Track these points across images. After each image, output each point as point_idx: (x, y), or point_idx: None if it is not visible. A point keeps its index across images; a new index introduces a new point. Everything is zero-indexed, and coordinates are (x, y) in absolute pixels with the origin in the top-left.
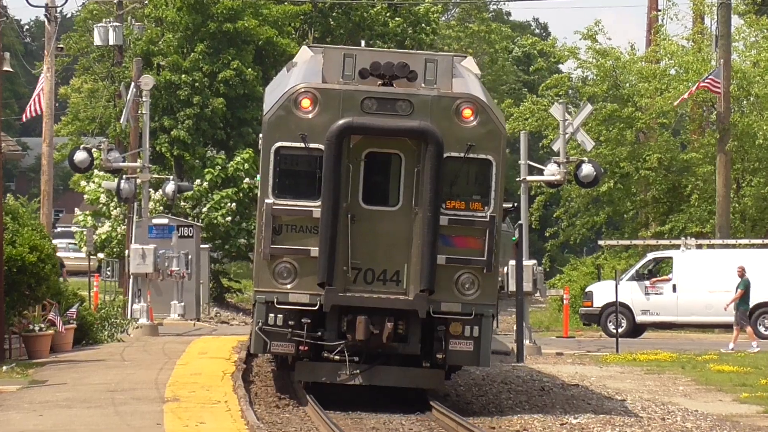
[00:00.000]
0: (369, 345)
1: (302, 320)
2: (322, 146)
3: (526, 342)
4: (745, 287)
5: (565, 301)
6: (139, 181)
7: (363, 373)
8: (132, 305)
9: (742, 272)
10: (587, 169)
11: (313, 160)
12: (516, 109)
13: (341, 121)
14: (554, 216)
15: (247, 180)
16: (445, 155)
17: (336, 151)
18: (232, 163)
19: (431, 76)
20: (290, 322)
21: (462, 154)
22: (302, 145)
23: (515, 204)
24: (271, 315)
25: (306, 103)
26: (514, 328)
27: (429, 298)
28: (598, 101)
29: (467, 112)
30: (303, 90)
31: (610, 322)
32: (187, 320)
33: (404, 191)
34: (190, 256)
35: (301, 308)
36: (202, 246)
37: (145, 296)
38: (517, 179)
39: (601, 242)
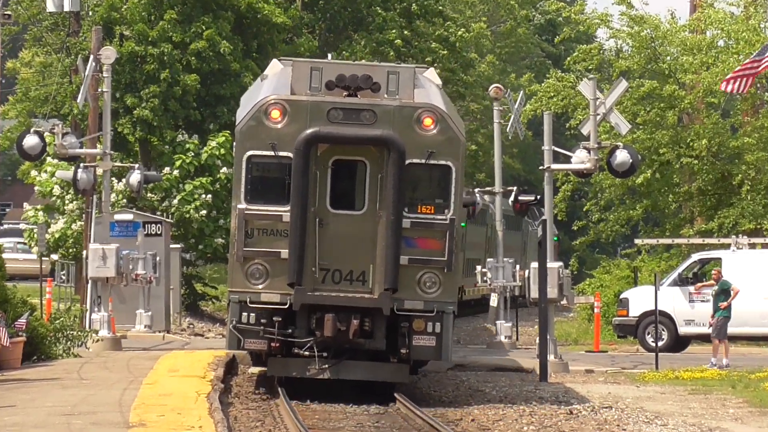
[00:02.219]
0: (337, 341)
1: (274, 318)
2: (291, 154)
3: (551, 357)
4: (726, 293)
5: (596, 310)
6: (98, 170)
7: (331, 368)
8: (91, 315)
9: (718, 276)
10: (622, 156)
11: (282, 168)
12: (538, 86)
13: (308, 131)
14: (583, 210)
15: (224, 169)
16: (407, 162)
17: (304, 159)
18: (206, 148)
19: (394, 87)
20: (262, 321)
21: (423, 161)
22: (272, 153)
23: (537, 196)
24: (245, 314)
25: (275, 113)
26: (537, 341)
27: (393, 296)
28: (635, 77)
29: (428, 121)
30: (273, 101)
31: (648, 333)
32: (155, 332)
33: (369, 196)
34: (158, 258)
35: (273, 307)
36: (172, 246)
37: (105, 304)
38: (540, 167)
39: (637, 241)
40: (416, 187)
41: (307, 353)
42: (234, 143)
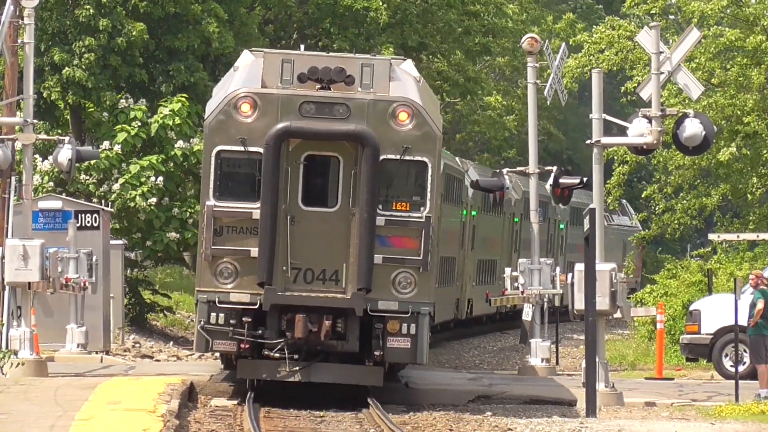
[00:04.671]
0: (308, 343)
1: (243, 319)
2: (261, 149)
3: (601, 386)
4: (766, 302)
5: (658, 325)
6: (18, 144)
7: (302, 370)
8: (8, 331)
9: (756, 282)
10: (692, 127)
11: (252, 163)
12: (586, 36)
13: (279, 125)
14: (643, 196)
15: (180, 143)
16: (381, 157)
17: (275, 154)
18: (156, 117)
19: (368, 80)
20: (231, 321)
21: (398, 156)
22: (242, 148)
23: (584, 179)
24: (213, 314)
25: (245, 107)
26: (582, 365)
27: (366, 296)
28: (710, 25)
29: (403, 116)
30: (243, 95)
31: (726, 356)
32: (91, 353)
33: (342, 193)
34: (95, 258)
35: (242, 307)
36: (112, 242)
37: (27, 317)
38: (588, 142)
39: (712, 236)
40: (391, 184)
41: (277, 355)
42: (203, 138)
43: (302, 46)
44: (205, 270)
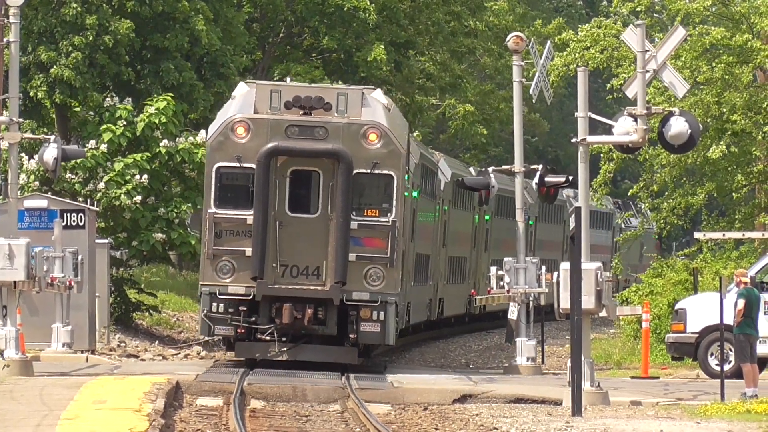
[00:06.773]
0: (294, 327)
1: (239, 308)
2: (254, 165)
3: (586, 386)
4: (747, 302)
5: (644, 324)
6: (3, 143)
7: (289, 351)
8: None
9: (738, 281)
10: (678, 126)
11: (247, 177)
12: (572, 35)
13: (269, 145)
14: (629, 195)
15: (165, 142)
16: (354, 172)
17: (265, 170)
18: (142, 116)
19: (343, 107)
20: (230, 310)
21: (369, 171)
22: (238, 164)
23: (570, 177)
24: (214, 304)
25: (241, 130)
26: (568, 364)
27: (342, 288)
28: (696, 23)
29: (372, 136)
30: (238, 120)
31: (712, 354)
32: (77, 352)
33: (322, 201)
34: (80, 257)
35: (239, 298)
36: (98, 241)
37: (12, 316)
38: (573, 140)
39: (698, 235)
40: (363, 194)
41: (268, 338)
42: (205, 156)
43: (288, 78)
44: (208, 267)
